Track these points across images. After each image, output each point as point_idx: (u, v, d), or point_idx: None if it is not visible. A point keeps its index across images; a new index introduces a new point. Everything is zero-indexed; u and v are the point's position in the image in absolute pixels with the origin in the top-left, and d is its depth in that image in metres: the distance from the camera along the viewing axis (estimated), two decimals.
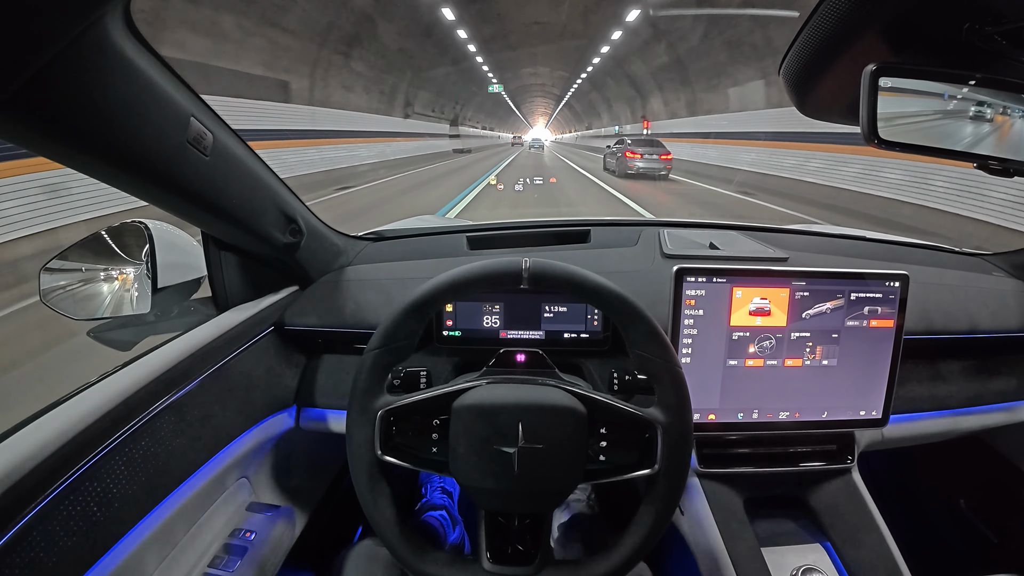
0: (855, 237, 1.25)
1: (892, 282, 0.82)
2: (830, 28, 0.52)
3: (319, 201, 8.65)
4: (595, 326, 0.93)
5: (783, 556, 0.83)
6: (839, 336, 0.82)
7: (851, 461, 0.92)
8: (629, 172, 13.75)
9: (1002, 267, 1.16)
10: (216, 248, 0.84)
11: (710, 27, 13.44)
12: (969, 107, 0.54)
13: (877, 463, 1.02)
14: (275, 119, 10.50)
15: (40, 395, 0.66)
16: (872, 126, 0.53)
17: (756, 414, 0.84)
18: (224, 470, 0.76)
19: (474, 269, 0.62)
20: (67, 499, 0.52)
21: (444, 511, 1.23)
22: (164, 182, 0.60)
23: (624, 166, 13.94)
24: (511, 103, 51.91)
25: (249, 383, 0.83)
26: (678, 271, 0.79)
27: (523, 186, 11.69)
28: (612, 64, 23.17)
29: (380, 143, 16.86)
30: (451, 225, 1.36)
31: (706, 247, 1.06)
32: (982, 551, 1.20)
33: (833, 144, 9.65)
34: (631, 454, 0.62)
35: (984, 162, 0.56)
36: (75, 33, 0.42)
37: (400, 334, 0.62)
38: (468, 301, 0.93)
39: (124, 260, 0.84)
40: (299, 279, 0.98)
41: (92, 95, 0.47)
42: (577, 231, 1.18)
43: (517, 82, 39.85)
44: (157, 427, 0.64)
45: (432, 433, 0.63)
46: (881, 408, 0.85)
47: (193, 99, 0.60)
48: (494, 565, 0.62)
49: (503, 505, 0.64)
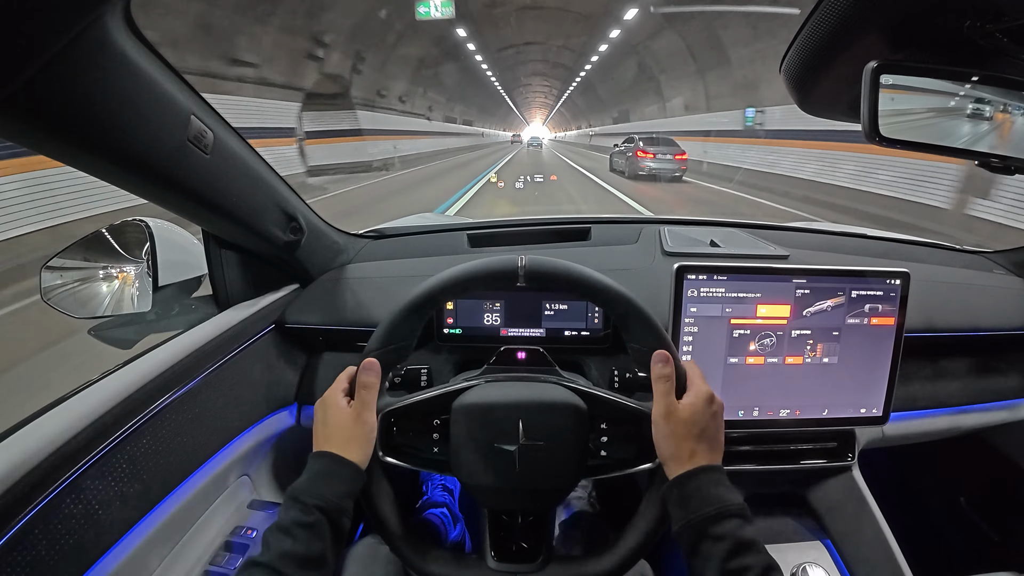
0: (856, 235, 1.25)
1: (893, 280, 0.81)
2: (831, 25, 0.52)
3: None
4: (596, 324, 0.93)
5: (784, 553, 0.83)
6: (840, 334, 0.82)
7: (852, 459, 0.92)
8: (640, 173, 12.75)
9: (1003, 264, 1.16)
10: (217, 246, 0.84)
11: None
12: (968, 105, 0.54)
13: (878, 461, 1.02)
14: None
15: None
16: (873, 123, 0.53)
17: (757, 412, 0.84)
18: (225, 468, 0.77)
19: (471, 268, 0.62)
20: (69, 497, 0.52)
21: (445, 508, 1.23)
22: (164, 180, 0.60)
23: (635, 167, 12.91)
24: (508, 99, 50.39)
25: (250, 381, 0.83)
26: (679, 269, 0.79)
27: (523, 183, 11.65)
28: (620, 53, 21.25)
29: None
30: (451, 223, 1.36)
31: (707, 245, 1.06)
32: (983, 549, 1.20)
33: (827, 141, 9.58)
34: (632, 449, 0.62)
35: (985, 159, 0.56)
36: (75, 31, 0.42)
37: (399, 334, 0.62)
38: (468, 299, 0.93)
39: (125, 258, 0.84)
40: (300, 277, 0.98)
41: (92, 93, 0.47)
42: (577, 229, 1.18)
43: (511, 73, 37.21)
44: (158, 425, 0.64)
45: (433, 433, 0.63)
46: (882, 406, 0.85)
47: (193, 97, 0.60)
48: (499, 563, 0.63)
49: (505, 503, 0.64)
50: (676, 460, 0.56)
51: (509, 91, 46.06)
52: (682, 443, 0.56)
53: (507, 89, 44.26)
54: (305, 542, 0.51)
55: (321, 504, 0.53)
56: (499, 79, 36.03)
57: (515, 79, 40.44)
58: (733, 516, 0.52)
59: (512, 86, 44.36)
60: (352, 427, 0.59)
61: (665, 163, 12.65)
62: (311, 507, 0.53)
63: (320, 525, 0.52)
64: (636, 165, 12.86)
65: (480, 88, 35.55)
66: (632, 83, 23.24)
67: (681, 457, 0.56)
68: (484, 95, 39.57)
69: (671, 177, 12.69)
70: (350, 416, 0.59)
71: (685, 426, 0.56)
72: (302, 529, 0.51)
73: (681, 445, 0.56)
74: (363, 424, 0.59)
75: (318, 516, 0.52)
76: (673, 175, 12.73)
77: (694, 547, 0.52)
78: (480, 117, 46.76)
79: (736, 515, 0.52)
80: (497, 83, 37.62)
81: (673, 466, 0.56)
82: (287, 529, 0.51)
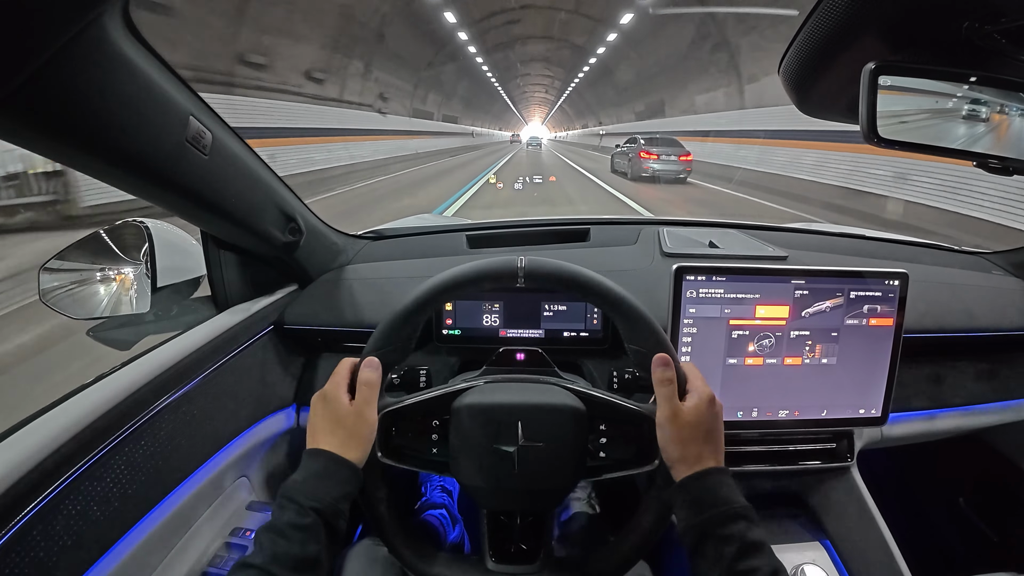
0: (854, 235, 1.25)
1: (891, 280, 0.82)
2: (830, 26, 0.52)
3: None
4: (595, 325, 0.93)
5: (782, 554, 0.82)
6: (838, 335, 0.82)
7: (850, 459, 0.92)
8: (643, 175, 12.22)
9: (1002, 266, 1.16)
10: (215, 247, 0.84)
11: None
12: (964, 106, 0.54)
13: (876, 461, 1.02)
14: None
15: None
16: (872, 124, 0.53)
17: (756, 412, 0.84)
18: (224, 469, 0.76)
19: (470, 269, 0.62)
20: (67, 498, 0.52)
21: (444, 510, 1.23)
22: (163, 181, 0.60)
23: (638, 168, 12.37)
24: (507, 98, 45.36)
25: (248, 382, 0.83)
26: (678, 270, 0.79)
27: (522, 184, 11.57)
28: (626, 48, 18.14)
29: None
30: (450, 224, 1.36)
31: (705, 246, 1.06)
32: (982, 550, 1.20)
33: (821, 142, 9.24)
34: (631, 450, 0.62)
35: (983, 160, 0.56)
36: (74, 31, 0.42)
37: (398, 335, 0.62)
38: (467, 300, 0.93)
39: (123, 259, 0.84)
40: (298, 278, 0.98)
41: (91, 93, 0.47)
42: (577, 230, 1.18)
43: (512, 72, 31.98)
44: (157, 426, 0.64)
45: (432, 434, 0.63)
46: (880, 407, 0.85)
47: (192, 98, 0.60)
48: (498, 564, 0.63)
49: (504, 504, 0.64)
50: (683, 462, 0.56)
51: (503, 83, 40.00)
52: (689, 445, 0.56)
53: (501, 81, 38.18)
54: (300, 544, 0.50)
55: (318, 506, 0.52)
56: (488, 63, 29.17)
57: (510, 66, 33.63)
58: (741, 518, 0.52)
59: (507, 76, 38.06)
60: (353, 423, 0.58)
61: (669, 164, 12.15)
62: (307, 508, 0.52)
63: (316, 527, 0.51)
64: (639, 166, 12.36)
65: (468, 78, 28.48)
66: (679, 60, 16.36)
67: (688, 459, 0.56)
68: (473, 86, 32.11)
69: (675, 179, 12.26)
70: (352, 412, 0.58)
71: (691, 428, 0.57)
72: (297, 531, 0.51)
73: (688, 447, 0.56)
74: (364, 421, 0.59)
75: (314, 518, 0.52)
76: (677, 177, 12.26)
77: (701, 548, 0.52)
78: (467, 113, 38.26)
79: (744, 517, 0.52)
80: (488, 71, 31.13)
81: (680, 468, 0.56)
82: (281, 530, 0.50)
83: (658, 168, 12.08)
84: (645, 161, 12.15)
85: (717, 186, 11.93)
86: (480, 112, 44.20)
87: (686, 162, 12.26)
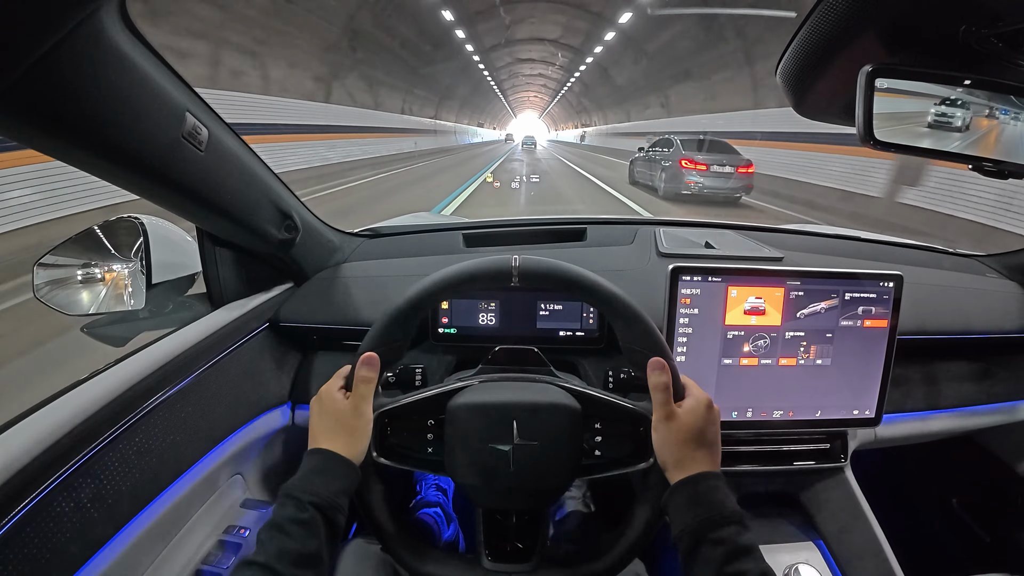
0: (850, 237, 1.26)
1: (886, 282, 0.82)
2: (827, 29, 0.52)
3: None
4: (590, 324, 0.93)
5: (776, 554, 0.84)
6: (833, 336, 0.83)
7: (844, 460, 0.92)
8: (683, 192, 8.65)
9: (996, 268, 1.17)
10: (211, 244, 0.84)
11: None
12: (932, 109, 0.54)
13: (870, 462, 1.03)
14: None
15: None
16: (868, 127, 0.53)
17: (750, 413, 0.85)
18: (218, 467, 0.76)
19: (465, 268, 0.62)
20: (61, 496, 0.52)
21: (439, 508, 1.23)
22: (158, 177, 0.60)
23: (676, 182, 8.78)
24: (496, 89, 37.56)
25: (243, 380, 0.83)
26: (674, 270, 0.80)
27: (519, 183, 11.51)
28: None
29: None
30: (447, 222, 1.36)
31: (702, 246, 1.06)
32: (974, 550, 1.21)
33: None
34: (626, 448, 0.62)
35: (979, 163, 0.56)
36: (69, 26, 0.42)
37: (394, 334, 0.62)
38: (463, 299, 0.93)
39: (118, 256, 0.84)
40: (294, 275, 0.98)
41: (86, 89, 0.47)
42: (573, 229, 1.18)
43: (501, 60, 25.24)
44: (151, 423, 0.64)
45: (427, 433, 0.63)
46: (874, 408, 0.86)
47: (189, 94, 0.60)
48: (493, 563, 0.63)
49: (500, 503, 0.64)
50: (677, 466, 0.57)
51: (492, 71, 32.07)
52: (683, 449, 0.57)
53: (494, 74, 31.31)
54: (301, 539, 0.50)
55: (316, 501, 0.52)
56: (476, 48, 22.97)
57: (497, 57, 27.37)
58: (732, 522, 0.52)
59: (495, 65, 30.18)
60: (349, 420, 0.58)
61: (723, 180, 8.65)
62: (306, 504, 0.52)
63: (316, 522, 0.52)
64: (678, 180, 8.74)
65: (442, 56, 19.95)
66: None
67: (682, 463, 0.56)
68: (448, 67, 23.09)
69: (726, 199, 8.86)
70: (347, 409, 0.59)
71: (686, 432, 0.57)
72: (297, 526, 0.51)
73: (682, 451, 0.57)
74: (360, 417, 0.59)
75: (313, 513, 0.52)
76: (733, 196, 8.89)
77: (693, 551, 0.53)
78: (447, 109, 30.83)
79: (735, 521, 0.53)
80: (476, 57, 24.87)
81: (674, 472, 0.57)
82: (282, 527, 0.51)
83: (708, 184, 8.60)
84: (688, 173, 8.63)
85: (778, 207, 8.90)
86: (468, 107, 35.59)
87: (746, 176, 8.73)
